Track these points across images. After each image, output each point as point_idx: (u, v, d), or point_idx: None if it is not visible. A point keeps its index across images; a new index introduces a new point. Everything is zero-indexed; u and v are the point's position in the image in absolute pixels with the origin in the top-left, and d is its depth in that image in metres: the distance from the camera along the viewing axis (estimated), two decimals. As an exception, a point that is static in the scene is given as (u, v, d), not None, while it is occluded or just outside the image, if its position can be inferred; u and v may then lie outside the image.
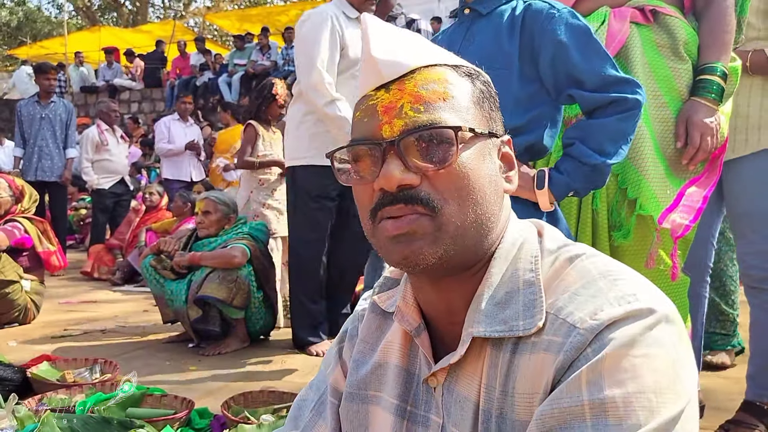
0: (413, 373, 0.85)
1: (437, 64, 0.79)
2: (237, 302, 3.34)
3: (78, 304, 4.80)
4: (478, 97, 0.80)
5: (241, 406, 2.36)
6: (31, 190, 4.29)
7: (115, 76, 14.31)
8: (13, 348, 3.36)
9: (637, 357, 0.64)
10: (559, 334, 0.69)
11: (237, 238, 3.46)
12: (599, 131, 1.57)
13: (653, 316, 0.67)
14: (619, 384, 0.63)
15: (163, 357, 3.26)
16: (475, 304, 0.77)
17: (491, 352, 0.75)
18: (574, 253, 0.77)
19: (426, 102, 0.75)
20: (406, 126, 0.74)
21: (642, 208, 1.81)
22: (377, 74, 0.78)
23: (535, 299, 0.73)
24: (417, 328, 0.83)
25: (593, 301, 0.69)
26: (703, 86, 1.85)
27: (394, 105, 0.75)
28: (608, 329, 0.66)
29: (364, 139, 0.77)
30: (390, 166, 0.74)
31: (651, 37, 1.89)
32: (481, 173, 0.76)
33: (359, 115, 0.79)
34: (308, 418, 0.97)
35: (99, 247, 6.39)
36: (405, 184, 0.74)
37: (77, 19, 26.01)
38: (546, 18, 1.60)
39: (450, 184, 0.74)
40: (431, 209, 0.74)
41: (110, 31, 19.39)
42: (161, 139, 7.26)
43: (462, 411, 0.76)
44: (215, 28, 23.05)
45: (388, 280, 0.95)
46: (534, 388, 0.70)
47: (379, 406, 0.87)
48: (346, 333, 0.98)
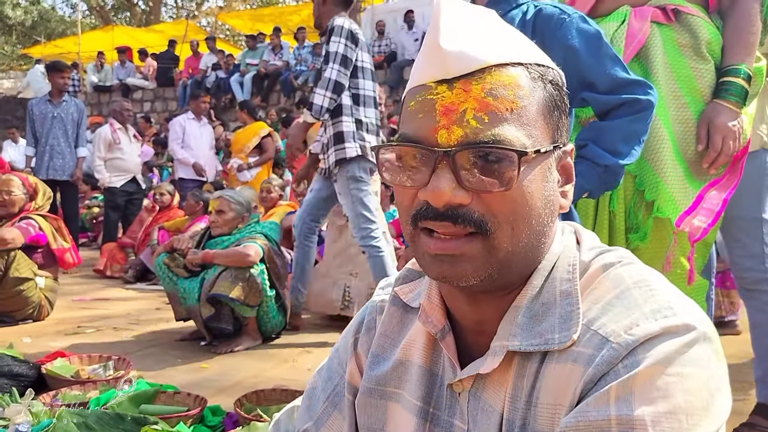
0: (436, 374, 0.82)
1: (511, 63, 0.70)
2: (249, 301, 3.35)
3: (91, 301, 4.83)
4: (548, 106, 0.72)
5: (253, 403, 2.37)
6: (45, 188, 4.32)
7: (129, 75, 14.40)
8: (27, 344, 3.39)
9: (671, 376, 0.62)
10: (589, 346, 0.67)
11: (250, 237, 3.47)
12: (612, 132, 1.59)
13: (691, 333, 0.64)
14: (650, 402, 0.61)
15: (176, 354, 3.28)
16: (511, 315, 0.74)
17: (519, 362, 0.72)
18: (609, 261, 0.74)
19: (492, 112, 0.67)
20: (466, 137, 0.67)
21: (659, 211, 1.79)
22: (443, 66, 0.69)
23: (572, 311, 0.70)
24: (442, 330, 0.80)
25: (628, 313, 0.66)
26: (726, 88, 1.81)
27: (455, 108, 0.67)
28: (643, 346, 0.63)
29: (417, 141, 0.69)
30: (441, 179, 0.67)
31: (673, 36, 1.86)
32: (539, 195, 0.70)
33: (413, 107, 0.71)
34: (321, 410, 0.94)
35: (112, 245, 6.42)
36: (454, 203, 0.68)
37: (91, 19, 26.17)
38: (556, 23, 1.61)
39: (506, 207, 0.68)
40: (483, 231, 0.68)
41: (123, 31, 19.52)
42: (175, 139, 7.29)
43: (488, 420, 0.74)
44: (227, 27, 23.14)
45: (411, 272, 0.92)
46: (558, 399, 0.68)
47: (399, 403, 0.85)
48: (363, 324, 0.94)
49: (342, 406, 0.93)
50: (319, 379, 0.98)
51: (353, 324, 0.96)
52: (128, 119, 6.99)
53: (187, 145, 7.19)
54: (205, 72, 13.21)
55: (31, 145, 6.35)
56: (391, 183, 0.73)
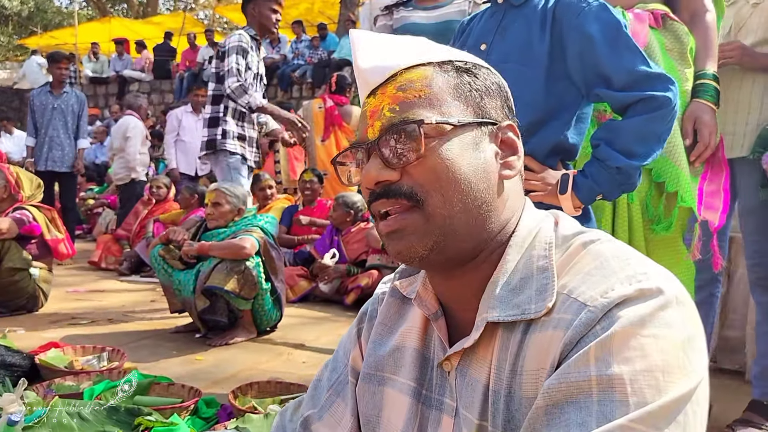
0: (428, 357, 0.87)
1: (419, 63, 0.81)
2: (244, 293, 3.34)
3: (85, 293, 4.81)
4: (464, 89, 0.81)
5: (248, 396, 2.37)
6: (31, 177, 4.27)
7: (126, 67, 14.34)
8: (21, 335, 3.38)
9: (646, 336, 0.65)
10: (569, 312, 0.70)
11: (246, 230, 3.46)
12: (627, 132, 1.51)
13: (663, 296, 0.67)
14: (627, 361, 0.64)
15: (171, 346, 3.27)
16: (490, 290, 0.78)
17: (503, 335, 0.76)
18: (589, 239, 0.78)
19: (402, 101, 0.79)
20: (382, 126, 0.79)
21: (683, 200, 1.85)
22: (365, 82, 0.83)
23: (548, 283, 0.74)
24: (435, 313, 0.85)
25: (605, 280, 0.70)
26: (705, 89, 1.94)
27: (377, 108, 0.80)
28: (618, 307, 0.67)
29: (355, 143, 0.83)
30: (369, 164, 0.79)
31: (662, 41, 1.94)
32: (463, 162, 0.78)
33: (359, 122, 0.85)
34: (325, 397, 0.99)
35: (106, 237, 6.41)
36: (383, 180, 0.78)
37: (88, 10, 26.06)
38: (575, 11, 1.54)
39: (429, 175, 0.77)
40: (415, 201, 0.77)
41: (120, 22, 19.43)
42: (170, 132, 7.26)
43: (473, 393, 0.78)
44: (225, 20, 23.05)
45: (409, 267, 0.96)
46: (540, 364, 0.71)
47: (394, 388, 0.89)
48: (366, 314, 1.01)
49: (345, 394, 0.97)
50: (325, 371, 1.04)
51: (358, 316, 1.03)
52: (144, 116, 7.37)
53: (181, 139, 7.17)
54: (202, 64, 13.14)
55: (32, 136, 6.32)
56: (348, 184, 0.88)
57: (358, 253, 4.74)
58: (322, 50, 11.94)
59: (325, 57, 11.71)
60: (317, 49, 11.98)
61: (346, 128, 6.29)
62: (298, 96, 11.60)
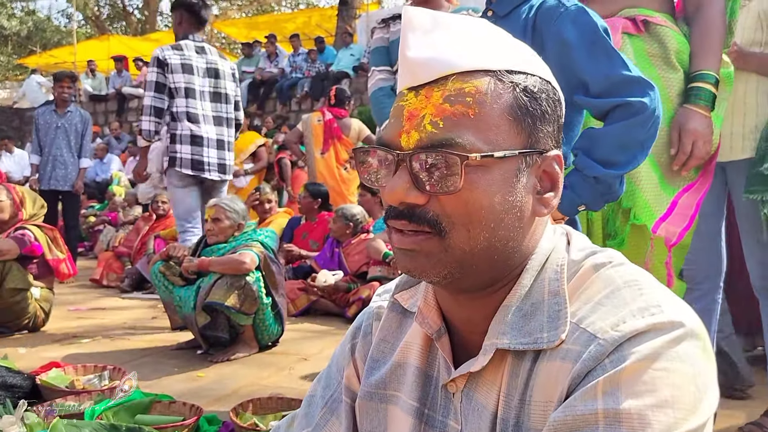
0: (431, 376, 0.84)
1: (477, 69, 0.72)
2: (245, 308, 3.33)
3: (87, 311, 4.81)
4: (516, 113, 0.72)
5: (249, 412, 2.36)
6: (35, 196, 4.29)
7: (125, 84, 14.39)
8: (22, 355, 3.37)
9: (657, 371, 0.62)
10: (578, 343, 0.68)
11: (246, 245, 3.46)
12: (605, 140, 1.48)
13: (678, 330, 0.65)
14: (637, 396, 0.62)
15: (172, 364, 3.26)
16: (501, 314, 0.75)
17: (512, 362, 0.73)
18: (600, 261, 0.75)
19: (448, 117, 0.70)
20: (420, 141, 0.70)
21: (636, 218, 1.81)
22: (411, 74, 0.73)
23: (560, 310, 0.71)
24: (438, 331, 0.82)
25: (616, 311, 0.67)
26: (695, 94, 1.84)
27: (417, 113, 0.71)
28: (629, 342, 0.64)
29: (386, 144, 0.74)
30: (397, 180, 0.71)
31: (643, 47, 1.89)
32: (499, 199, 0.71)
33: (391, 113, 0.76)
34: (320, 416, 0.95)
35: (108, 255, 6.41)
36: (409, 202, 0.71)
37: (86, 29, 26.21)
38: (552, 16, 1.52)
39: (459, 209, 0.70)
40: (438, 231, 0.71)
41: (119, 40, 19.53)
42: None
43: (480, 419, 0.75)
44: (223, 36, 23.16)
45: (410, 278, 0.92)
46: (549, 396, 0.69)
47: (397, 406, 0.86)
48: (360, 329, 0.96)
49: (339, 412, 0.94)
50: (318, 387, 1.00)
51: (350, 330, 0.98)
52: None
53: None
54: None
55: (37, 153, 6.35)
56: (368, 183, 0.77)
57: (359, 264, 4.74)
58: (319, 63, 12.00)
59: (323, 70, 11.76)
60: (315, 63, 12.03)
61: (346, 141, 6.29)
62: (296, 109, 11.63)
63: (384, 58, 2.86)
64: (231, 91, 4.01)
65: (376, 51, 2.94)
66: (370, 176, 0.77)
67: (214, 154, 3.93)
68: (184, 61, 3.86)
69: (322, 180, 5.99)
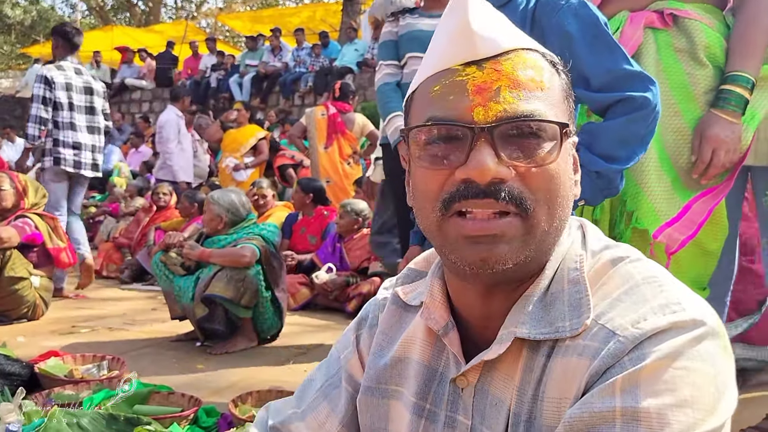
0: (437, 370, 0.81)
1: (532, 48, 0.72)
2: (245, 301, 3.32)
3: (86, 300, 4.79)
4: (566, 92, 0.74)
5: (249, 404, 2.34)
6: (37, 185, 4.28)
7: (134, 75, 14.39)
8: (21, 343, 3.36)
9: (678, 369, 0.61)
10: (596, 340, 0.66)
11: (247, 238, 3.45)
12: (606, 135, 1.47)
13: (699, 329, 0.63)
14: (656, 395, 0.60)
15: (171, 355, 3.25)
16: (521, 304, 0.73)
17: (527, 354, 0.72)
18: (617, 256, 0.73)
19: (525, 89, 0.68)
20: (505, 113, 0.67)
21: (638, 222, 1.76)
22: (471, 48, 0.69)
23: (581, 298, 0.70)
24: (445, 326, 0.79)
25: (636, 308, 0.66)
26: (723, 98, 1.75)
27: (488, 87, 0.68)
28: (650, 340, 0.63)
29: (451, 120, 0.69)
30: (483, 155, 0.66)
31: (669, 41, 1.82)
32: (567, 176, 0.71)
33: (438, 90, 0.70)
34: (311, 399, 0.94)
35: (108, 245, 6.40)
36: (498, 178, 0.67)
37: (90, 19, 26.15)
38: (554, 9, 1.50)
39: (544, 184, 0.68)
40: (523, 209, 0.67)
41: (123, 31, 19.48)
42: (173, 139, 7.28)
43: (498, 414, 0.73)
44: (227, 29, 23.12)
45: (412, 271, 0.92)
46: (563, 393, 0.67)
47: (400, 401, 0.84)
48: (366, 321, 0.94)
49: (333, 397, 0.92)
50: (318, 373, 0.98)
51: (356, 321, 0.97)
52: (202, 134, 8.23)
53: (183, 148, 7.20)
54: (205, 73, 13.18)
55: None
56: (422, 167, 0.71)
57: (360, 260, 4.72)
58: (323, 58, 11.96)
59: (326, 65, 11.73)
60: (319, 57, 11.99)
61: (349, 135, 6.28)
62: (299, 104, 11.61)
63: (392, 53, 2.84)
64: (100, 105, 4.86)
65: (383, 45, 2.92)
66: (425, 160, 0.71)
67: (89, 156, 4.78)
68: (67, 81, 4.66)
69: (325, 174, 5.98)
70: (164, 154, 7.18)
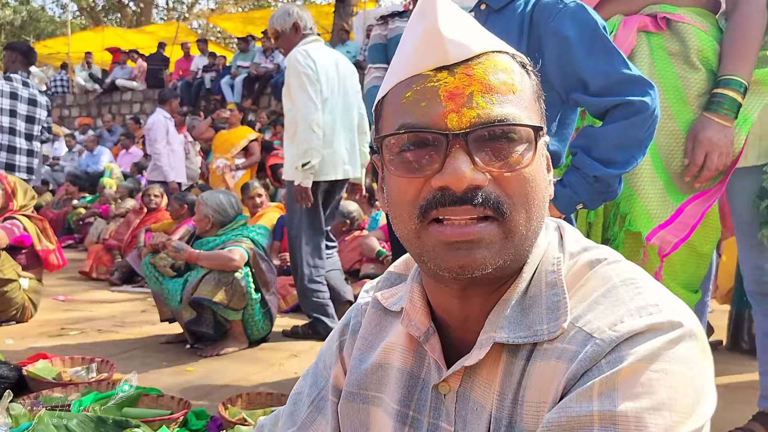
0: (418, 377, 0.80)
1: (502, 51, 0.72)
2: (233, 304, 3.31)
3: (73, 302, 4.77)
4: (537, 93, 0.74)
5: (238, 407, 2.34)
6: (26, 186, 4.26)
7: (125, 76, 14.33)
8: (9, 346, 3.34)
9: (655, 372, 0.61)
10: (573, 343, 0.66)
11: (236, 240, 3.44)
12: (604, 139, 1.47)
13: (677, 330, 0.63)
14: (634, 398, 0.60)
15: (161, 357, 3.24)
16: (500, 308, 0.72)
17: (507, 358, 0.71)
18: (595, 258, 0.73)
19: (497, 93, 0.68)
20: (479, 118, 0.66)
21: (631, 224, 1.77)
22: (442, 53, 0.69)
23: (559, 300, 0.70)
24: (426, 332, 0.78)
25: (613, 310, 0.66)
26: (716, 101, 1.77)
27: (461, 92, 0.67)
28: (627, 342, 0.63)
29: (424, 127, 0.68)
30: (458, 162, 0.66)
31: (662, 44, 1.83)
32: (542, 178, 0.71)
33: (410, 96, 0.70)
34: (306, 414, 0.93)
35: (98, 247, 6.36)
36: (474, 185, 0.66)
37: (81, 19, 26.02)
38: (552, 13, 1.50)
39: (520, 188, 0.68)
40: (500, 214, 0.67)
41: (114, 32, 19.39)
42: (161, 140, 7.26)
43: (479, 419, 0.72)
44: (219, 30, 23.06)
45: (392, 275, 0.91)
46: (542, 396, 0.67)
47: (380, 407, 0.83)
48: (348, 327, 0.93)
49: (326, 411, 0.91)
50: (305, 384, 0.97)
51: (338, 327, 0.95)
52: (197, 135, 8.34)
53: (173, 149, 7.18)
54: (196, 74, 13.14)
55: None
56: (397, 175, 0.71)
57: (351, 262, 4.72)
58: (315, 59, 11.93)
59: (318, 66, 11.70)
60: (310, 59, 11.96)
61: (340, 137, 6.26)
62: (291, 105, 11.57)
63: (381, 56, 2.85)
64: (42, 116, 5.13)
65: (373, 48, 2.93)
66: (400, 168, 0.70)
67: (24, 160, 5.00)
68: (13, 90, 4.97)
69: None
70: (154, 155, 7.15)
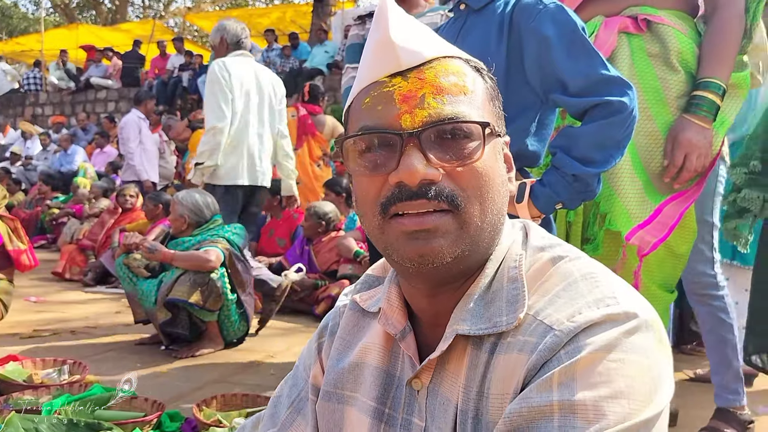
0: (394, 375, 0.83)
1: (454, 56, 0.77)
2: (209, 305, 3.28)
3: (46, 303, 4.69)
4: (491, 94, 0.79)
5: (214, 408, 2.32)
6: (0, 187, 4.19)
7: (100, 74, 14.14)
8: (-21, 348, 3.27)
9: (612, 362, 0.63)
10: (534, 335, 0.68)
11: (212, 240, 3.41)
12: (583, 139, 1.48)
13: (633, 321, 0.66)
14: (592, 387, 0.62)
15: (135, 359, 3.20)
16: (464, 302, 0.75)
17: (471, 352, 0.73)
18: (557, 254, 0.76)
19: (448, 94, 0.73)
20: (430, 117, 0.71)
21: (611, 224, 1.78)
22: (395, 60, 0.74)
23: (518, 294, 0.72)
24: (402, 330, 0.81)
25: (572, 303, 0.68)
26: (695, 103, 1.79)
27: (414, 94, 0.72)
28: (584, 332, 0.65)
29: (381, 128, 0.73)
30: (411, 159, 0.70)
31: (642, 46, 1.85)
32: (497, 173, 0.75)
33: (369, 102, 0.75)
34: (285, 416, 0.94)
35: (71, 247, 6.27)
36: (427, 180, 0.71)
37: (55, 17, 25.65)
38: (532, 14, 1.51)
39: (473, 181, 0.72)
40: (455, 206, 0.71)
41: (88, 29, 19.12)
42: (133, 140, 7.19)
43: (445, 413, 0.75)
44: (195, 28, 22.87)
45: (370, 277, 0.94)
46: (506, 388, 0.69)
47: (354, 407, 0.85)
48: (327, 329, 0.96)
49: (306, 412, 0.93)
50: (285, 387, 0.99)
51: (318, 329, 0.98)
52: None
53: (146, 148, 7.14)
54: (172, 72, 13.02)
55: None
56: (360, 174, 0.76)
57: (329, 263, 4.71)
58: (293, 59, 11.91)
59: (296, 66, 11.68)
60: (289, 58, 11.93)
61: (319, 137, 6.26)
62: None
63: (358, 56, 2.83)
64: None
65: (351, 48, 2.92)
66: (360, 167, 0.75)
67: None
68: None
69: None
70: (127, 155, 7.13)
